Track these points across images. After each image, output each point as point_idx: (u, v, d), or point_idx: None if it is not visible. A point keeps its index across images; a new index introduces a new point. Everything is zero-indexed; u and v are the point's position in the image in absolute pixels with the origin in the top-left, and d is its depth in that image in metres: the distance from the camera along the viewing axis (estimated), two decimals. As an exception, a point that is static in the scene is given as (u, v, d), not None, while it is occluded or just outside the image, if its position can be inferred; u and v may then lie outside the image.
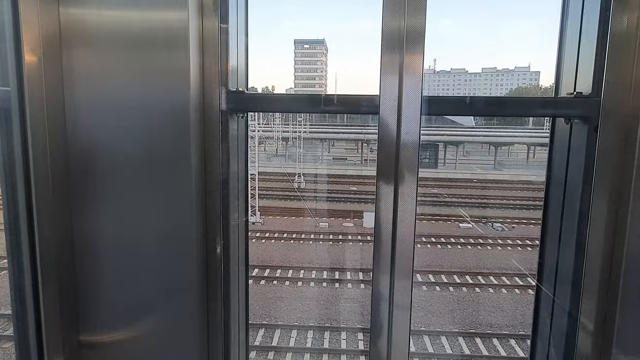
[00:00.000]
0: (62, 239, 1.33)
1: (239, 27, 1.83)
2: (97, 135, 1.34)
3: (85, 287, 1.40)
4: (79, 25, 1.31)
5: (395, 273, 1.41)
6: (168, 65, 1.33)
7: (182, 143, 1.35)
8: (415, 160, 1.39)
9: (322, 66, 36.47)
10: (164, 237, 1.39)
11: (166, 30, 1.32)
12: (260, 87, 32.30)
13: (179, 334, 1.45)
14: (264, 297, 11.11)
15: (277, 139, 24.25)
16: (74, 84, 1.32)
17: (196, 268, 1.41)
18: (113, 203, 1.36)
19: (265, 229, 15.31)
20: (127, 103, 1.33)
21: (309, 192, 19.45)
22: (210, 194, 1.47)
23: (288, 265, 12.70)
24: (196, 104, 1.38)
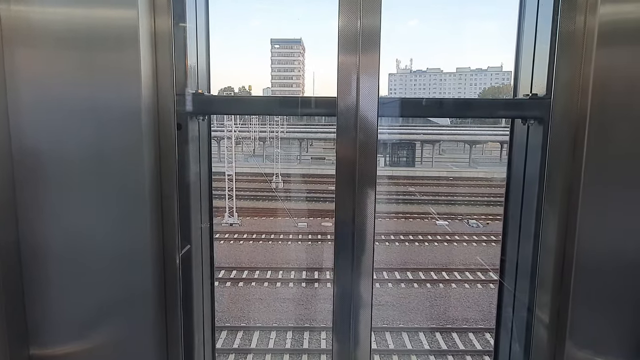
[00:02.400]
0: (7, 247, 1.27)
1: (198, 27, 1.79)
2: (43, 139, 1.29)
3: (34, 299, 1.34)
4: (21, 24, 1.26)
5: (355, 272, 1.41)
6: (118, 65, 1.29)
7: (134, 146, 1.31)
8: (373, 160, 1.39)
9: (300, 65, 36.41)
10: (117, 243, 1.35)
11: (115, 29, 1.28)
12: (237, 87, 32.02)
13: (136, 344, 1.41)
14: (242, 299, 11.01)
15: (255, 139, 24.09)
16: (17, 86, 1.26)
17: (152, 274, 1.37)
18: (61, 209, 1.31)
19: (243, 230, 15.16)
20: (75, 105, 1.28)
21: (287, 192, 19.38)
22: (167, 198, 1.43)
23: (267, 266, 12.62)
24: (149, 106, 1.34)
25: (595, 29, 1.24)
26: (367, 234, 1.41)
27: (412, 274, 12.18)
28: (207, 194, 1.91)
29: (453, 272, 12.28)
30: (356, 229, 1.41)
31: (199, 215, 1.86)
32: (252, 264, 12.76)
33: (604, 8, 1.25)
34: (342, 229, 1.42)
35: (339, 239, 1.43)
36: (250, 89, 30.74)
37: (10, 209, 1.28)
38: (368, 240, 1.41)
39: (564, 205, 1.33)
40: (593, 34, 1.25)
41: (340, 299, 1.49)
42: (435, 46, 39.50)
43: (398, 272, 12.19)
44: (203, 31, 1.82)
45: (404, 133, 22.67)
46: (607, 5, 1.24)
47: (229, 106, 1.85)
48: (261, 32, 36.56)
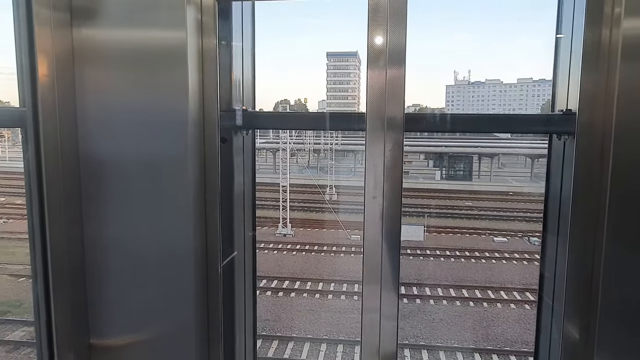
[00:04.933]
0: (73, 246, 1.43)
1: (244, 45, 1.91)
2: (104, 147, 1.44)
3: (95, 293, 1.49)
4: (90, 45, 1.42)
5: (383, 285, 1.42)
6: (168, 81, 1.42)
7: (181, 156, 1.43)
8: (399, 175, 1.40)
9: (355, 78, 36.59)
10: (165, 245, 1.47)
11: (166, 48, 1.41)
12: (293, 99, 32.80)
13: (180, 341, 1.51)
14: (294, 309, 11.14)
15: (309, 151, 24.45)
16: (85, 99, 1.42)
17: (195, 277, 1.47)
18: (119, 212, 1.46)
19: (297, 241, 15.37)
20: (131, 117, 1.43)
21: (340, 205, 19.42)
22: (210, 206, 1.53)
23: (319, 277, 12.69)
24: (195, 120, 1.45)
25: (620, 42, 1.20)
26: (394, 247, 1.42)
27: (468, 291, 11.68)
28: (251, 204, 2.01)
29: (512, 292, 11.61)
30: (384, 242, 1.43)
31: (243, 225, 1.96)
32: (305, 274, 12.88)
33: (628, 22, 1.20)
34: (370, 243, 1.44)
35: (368, 253, 1.45)
36: (305, 101, 31.34)
37: (76, 212, 1.45)
38: (394, 254, 1.42)
39: (592, 222, 1.27)
40: (617, 47, 1.20)
41: (368, 313, 1.50)
42: (489, 60, 38.17)
43: (453, 289, 11.74)
44: (249, 49, 1.93)
45: (460, 146, 21.95)
46: (631, 18, 1.20)
47: (270, 121, 1.95)
48: (318, 46, 37.30)
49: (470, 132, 1.88)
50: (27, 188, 1.54)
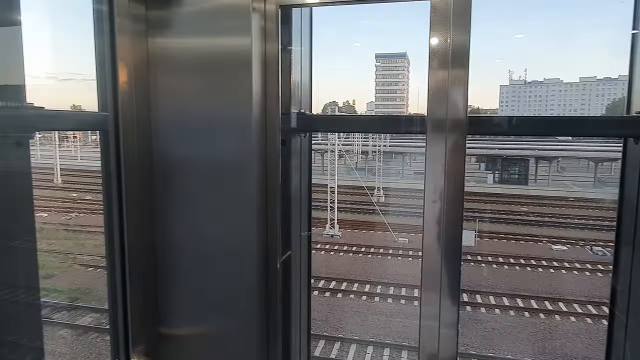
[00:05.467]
0: (146, 240, 1.53)
1: (303, 50, 1.95)
2: (175, 149, 1.53)
3: (165, 286, 1.59)
4: (162, 53, 1.52)
5: (443, 292, 1.40)
6: (233, 86, 1.49)
7: (244, 158, 1.49)
8: (461, 178, 1.38)
9: (404, 79, 36.02)
10: (229, 243, 1.54)
11: (232, 54, 1.48)
12: (342, 101, 32.82)
13: (242, 335, 1.57)
14: (340, 310, 11.15)
15: (357, 152, 24.38)
16: (158, 104, 1.53)
17: (256, 274, 1.53)
18: (188, 209, 1.54)
19: (344, 242, 15.38)
20: (200, 120, 1.51)
21: (388, 206, 19.21)
22: (271, 206, 1.59)
23: (365, 279, 12.62)
24: (258, 123, 1.51)
25: None
26: (455, 253, 1.39)
27: (523, 301, 11.13)
28: (307, 204, 2.05)
29: (572, 304, 10.93)
30: (444, 248, 1.40)
31: (299, 225, 2.00)
32: (351, 276, 12.86)
33: None
34: (429, 248, 1.42)
35: (427, 258, 1.44)
36: (354, 103, 31.31)
37: (150, 208, 1.55)
38: (455, 259, 1.40)
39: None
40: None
41: (427, 319, 1.48)
42: (547, 58, 35.92)
43: (507, 298, 11.25)
44: (307, 54, 1.97)
45: (516, 148, 20.95)
46: None
47: (327, 124, 1.97)
48: (368, 48, 37.08)
49: (537, 135, 1.76)
50: (104, 186, 1.66)
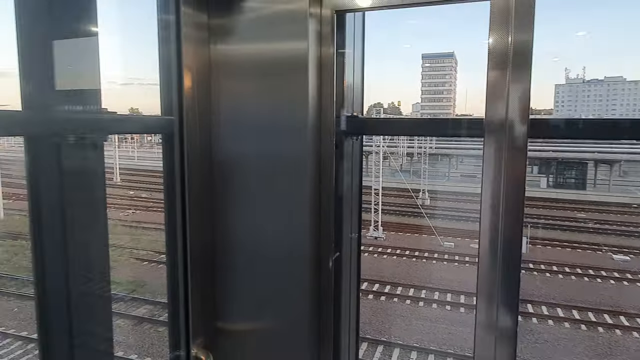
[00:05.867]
0: (207, 239, 1.61)
1: (355, 53, 1.97)
2: (233, 149, 1.60)
3: (222, 282, 1.65)
4: (223, 59, 1.59)
5: (500, 301, 1.35)
6: (290, 89, 1.53)
7: (299, 160, 1.53)
8: (522, 183, 1.33)
9: (451, 80, 35.13)
10: (283, 243, 1.58)
11: (289, 58, 1.52)
12: (386, 103, 32.51)
13: (294, 333, 1.61)
14: (383, 312, 11.05)
15: (402, 154, 24.07)
16: (219, 106, 1.60)
17: (309, 274, 1.56)
18: (245, 209, 1.60)
19: (387, 245, 15.24)
20: (257, 123, 1.56)
21: (433, 210, 18.81)
22: (324, 207, 1.62)
23: (409, 283, 12.43)
24: (313, 126, 1.54)
25: None
26: (513, 261, 1.34)
27: (580, 313, 10.51)
28: (357, 206, 2.06)
29: (635, 319, 10.18)
30: (501, 255, 1.36)
31: (349, 226, 2.02)
32: (395, 279, 12.71)
33: None
34: (485, 254, 1.39)
35: (483, 264, 1.40)
36: (399, 104, 30.95)
37: (210, 208, 1.62)
38: (514, 267, 1.35)
39: None
40: None
41: (483, 328, 1.44)
42: (609, 55, 33.50)
43: (561, 309, 10.67)
44: (359, 57, 1.98)
45: (573, 151, 19.81)
46: None
47: (380, 127, 1.98)
48: (414, 48, 36.49)
49: (606, 139, 1.61)
50: (165, 185, 1.75)
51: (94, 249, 1.45)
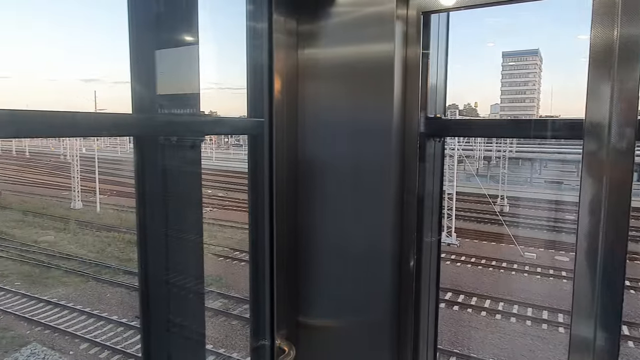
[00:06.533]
0: (291, 236, 1.67)
1: (439, 54, 1.93)
2: (317, 149, 1.65)
3: (305, 277, 1.71)
4: (310, 63, 1.65)
5: (598, 321, 1.23)
6: (376, 91, 1.54)
7: (383, 161, 1.53)
8: (627, 191, 1.21)
9: (535, 79, 32.82)
10: (364, 244, 1.59)
11: (375, 60, 1.53)
12: (462, 104, 31.21)
13: (372, 334, 1.61)
14: (456, 323, 10.61)
15: (479, 157, 22.95)
16: (305, 108, 1.66)
17: (390, 276, 1.56)
18: (328, 210, 1.64)
19: (461, 252, 14.61)
20: (342, 124, 1.60)
21: (513, 217, 17.67)
22: (407, 211, 1.60)
23: (485, 294, 11.80)
24: (397, 127, 1.54)
25: None
26: (616, 277, 1.22)
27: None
28: (437, 210, 2.01)
29: None
30: (601, 270, 1.24)
31: (430, 230, 1.98)
32: (469, 288, 12.15)
33: None
34: (583, 268, 1.27)
35: (579, 279, 1.29)
36: (476, 105, 29.58)
37: (294, 206, 1.68)
38: (616, 285, 1.22)
39: None
40: None
41: (578, 350, 1.33)
42: None
43: (664, 333, 9.48)
44: (443, 58, 1.94)
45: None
46: None
47: (464, 129, 1.92)
48: (494, 46, 34.66)
49: None
50: (250, 185, 1.84)
51: (190, 244, 1.58)
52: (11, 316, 10.68)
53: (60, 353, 9.43)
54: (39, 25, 26.10)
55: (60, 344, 9.87)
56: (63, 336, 10.14)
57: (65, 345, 9.87)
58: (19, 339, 9.83)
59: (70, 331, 10.24)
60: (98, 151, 25.57)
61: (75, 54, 28.81)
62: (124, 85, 17.30)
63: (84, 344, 9.86)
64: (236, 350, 9.56)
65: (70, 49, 28.64)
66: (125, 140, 31.31)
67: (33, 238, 16.52)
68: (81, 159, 22.16)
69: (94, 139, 24.91)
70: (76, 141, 22.62)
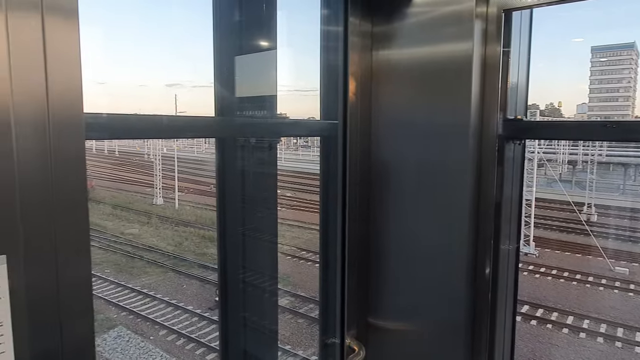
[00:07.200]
0: (363, 238, 1.68)
1: (520, 51, 1.82)
2: (392, 155, 1.63)
3: (376, 278, 1.70)
4: (384, 64, 1.65)
5: None
6: (452, 92, 1.50)
7: (459, 164, 1.49)
8: None
9: (630, 75, 29.68)
10: (437, 248, 1.55)
11: (452, 60, 1.49)
12: (544, 104, 29.08)
13: (445, 341, 1.57)
14: (533, 338, 9.91)
15: (562, 162, 21.23)
16: (379, 109, 1.65)
17: (465, 283, 1.50)
18: (399, 211, 1.63)
19: (540, 263, 13.61)
20: (415, 125, 1.57)
21: (602, 227, 16.11)
22: (482, 216, 1.54)
23: (568, 310, 10.89)
24: (474, 129, 1.48)
25: None
26: None
27: None
28: (517, 217, 1.90)
29: None
30: None
31: (507, 237, 1.88)
32: (550, 303, 11.29)
33: None
34: None
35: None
36: (560, 105, 27.43)
37: (366, 209, 1.69)
38: None
39: None
40: None
41: None
42: None
43: None
44: (525, 56, 1.83)
45: None
46: None
47: (549, 131, 1.78)
48: (582, 42, 31.89)
49: None
50: (322, 186, 1.88)
51: (266, 244, 1.65)
52: (101, 300, 11.81)
53: (142, 337, 10.25)
54: (129, 36, 28.71)
55: (142, 329, 10.74)
56: (145, 322, 11.02)
57: (147, 330, 10.71)
58: (107, 321, 10.84)
59: (151, 317, 11.10)
60: (177, 151, 27.45)
61: (162, 61, 31.30)
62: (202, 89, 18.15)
63: (162, 331, 10.63)
64: (301, 347, 9.74)
65: (157, 57, 31.16)
66: (202, 142, 33.25)
67: (120, 230, 18.15)
68: (162, 159, 23.94)
69: (174, 139, 26.81)
70: (159, 142, 24.51)
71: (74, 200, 0.87)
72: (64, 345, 0.89)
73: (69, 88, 0.85)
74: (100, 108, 1.04)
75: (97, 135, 1.10)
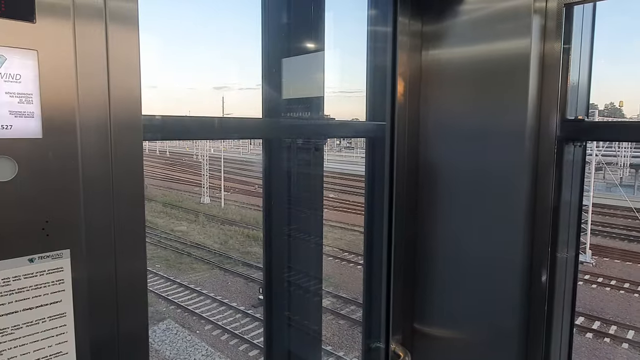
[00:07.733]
0: (410, 241, 1.64)
1: (582, 49, 1.72)
2: (441, 157, 1.59)
3: (423, 283, 1.66)
4: (434, 64, 1.60)
5: None
6: (506, 92, 1.43)
7: (513, 166, 1.42)
8: None
9: None
10: (489, 252, 1.49)
11: (507, 58, 1.42)
12: (603, 103, 27.28)
13: (497, 349, 1.50)
14: (590, 352, 9.33)
15: (623, 165, 19.84)
16: (428, 113, 1.61)
17: (519, 291, 1.43)
18: (448, 214, 1.58)
19: (598, 273, 12.79)
20: (467, 127, 1.51)
21: (669, 236, 14.88)
22: (539, 223, 1.46)
23: (629, 323, 10.15)
24: (531, 130, 1.41)
25: None
26: None
27: None
28: (575, 224, 1.79)
29: None
30: None
31: (565, 244, 1.78)
32: (608, 315, 10.59)
33: None
34: None
35: None
36: (621, 105, 25.63)
37: (414, 211, 1.65)
38: None
39: None
40: None
41: None
42: None
43: None
44: (587, 53, 1.73)
45: None
46: None
47: (613, 133, 1.67)
48: None
49: None
50: (367, 188, 1.86)
51: (311, 245, 1.65)
52: (152, 294, 12.37)
53: (189, 331, 10.63)
54: (178, 40, 29.89)
55: (189, 323, 11.14)
56: (191, 316, 11.42)
57: (193, 324, 11.09)
58: (157, 314, 11.33)
59: (197, 312, 11.49)
60: (224, 152, 28.27)
61: (210, 64, 32.37)
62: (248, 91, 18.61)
63: (208, 325, 10.97)
64: (343, 349, 9.72)
65: (206, 60, 32.29)
66: (247, 142, 34.01)
67: (170, 227, 18.94)
68: (209, 159, 24.73)
69: (220, 140, 27.64)
70: (207, 143, 25.35)
71: (132, 198, 0.91)
72: (120, 335, 0.93)
73: (129, 92, 0.89)
74: (153, 111, 1.09)
75: (153, 136, 1.15)
